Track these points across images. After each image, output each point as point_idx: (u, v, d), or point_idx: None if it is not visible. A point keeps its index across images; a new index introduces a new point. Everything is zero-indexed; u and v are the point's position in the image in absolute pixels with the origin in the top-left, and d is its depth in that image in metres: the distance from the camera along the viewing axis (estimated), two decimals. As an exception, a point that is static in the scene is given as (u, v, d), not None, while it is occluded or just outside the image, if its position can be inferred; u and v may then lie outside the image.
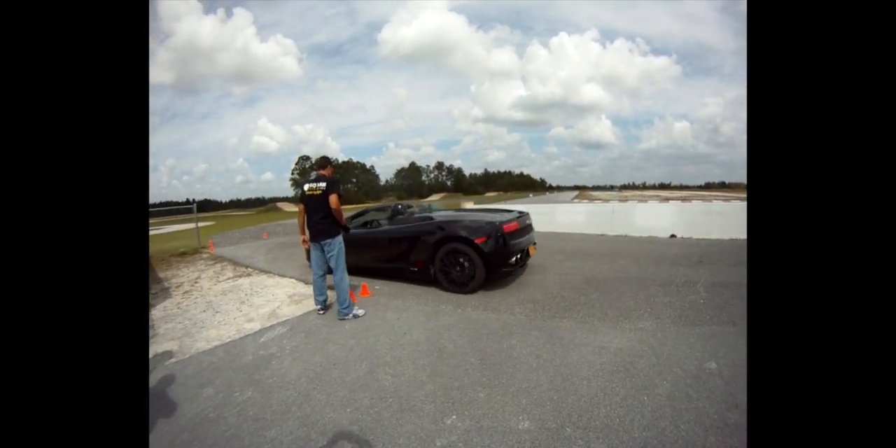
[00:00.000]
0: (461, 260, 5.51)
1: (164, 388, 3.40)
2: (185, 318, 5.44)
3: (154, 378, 3.58)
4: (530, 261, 7.04)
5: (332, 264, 4.87)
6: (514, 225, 5.64)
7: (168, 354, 4.19)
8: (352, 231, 6.33)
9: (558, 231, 11.73)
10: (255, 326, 4.97)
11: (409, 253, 6.07)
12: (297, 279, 7.44)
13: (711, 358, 3.18)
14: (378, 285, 6.36)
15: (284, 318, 5.21)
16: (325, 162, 5.06)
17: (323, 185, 4.75)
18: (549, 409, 2.59)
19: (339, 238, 4.87)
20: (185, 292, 6.98)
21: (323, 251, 4.88)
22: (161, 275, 8.66)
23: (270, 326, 4.93)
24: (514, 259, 5.58)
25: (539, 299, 5.02)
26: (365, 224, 7.16)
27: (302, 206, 4.90)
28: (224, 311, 5.69)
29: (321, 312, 5.20)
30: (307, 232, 4.93)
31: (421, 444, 2.42)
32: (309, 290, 6.35)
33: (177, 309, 5.97)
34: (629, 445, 2.22)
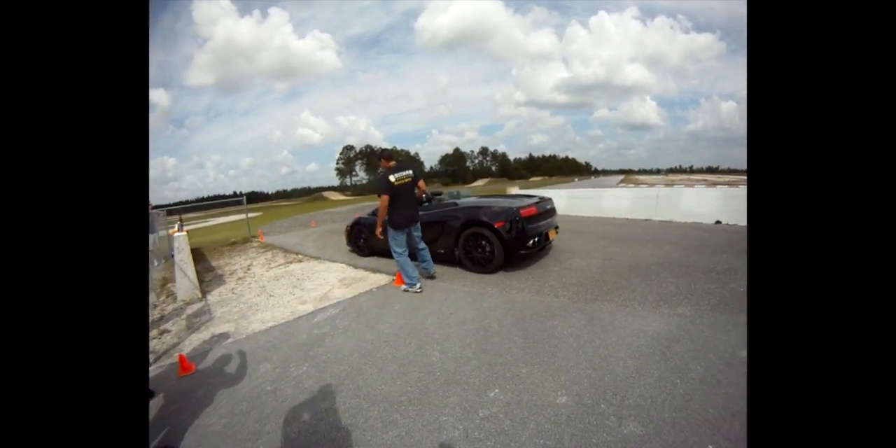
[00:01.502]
0: (482, 242, 5.95)
1: (223, 366, 3.69)
2: (239, 302, 5.81)
3: (213, 357, 3.88)
4: (575, 245, 7.45)
5: (420, 239, 5.68)
6: (532, 210, 5.98)
7: (225, 336, 4.51)
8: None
9: (604, 216, 11.75)
10: (308, 308, 5.25)
11: (436, 236, 6.46)
12: (346, 264, 7.70)
13: (745, 347, 3.04)
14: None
15: (336, 301, 5.46)
16: (389, 154, 5.41)
17: (410, 172, 5.26)
18: (587, 387, 2.71)
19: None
20: (238, 279, 7.40)
21: (411, 234, 5.48)
22: (214, 263, 9.20)
23: (323, 308, 5.19)
24: (531, 242, 5.87)
25: (582, 283, 5.13)
26: None
27: (387, 198, 5.12)
28: (277, 295, 6.02)
29: (419, 290, 5.45)
30: (395, 221, 5.30)
31: (465, 414, 2.58)
32: (359, 273, 6.79)
33: (231, 294, 6.36)
34: (659, 424, 2.31)
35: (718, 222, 9.79)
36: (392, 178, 5.12)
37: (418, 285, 5.44)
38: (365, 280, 6.46)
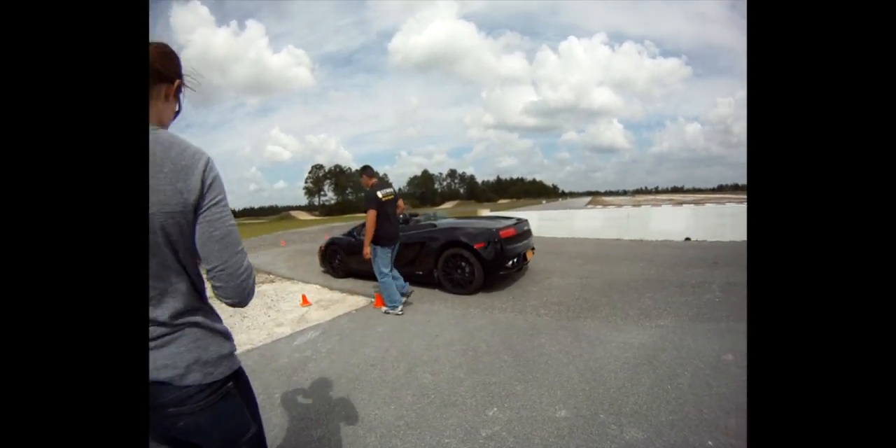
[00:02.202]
0: (462, 263, 6.04)
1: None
2: (212, 324, 5.56)
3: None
4: (551, 265, 7.70)
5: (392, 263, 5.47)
6: (510, 231, 6.14)
7: None
8: (360, 238, 7.03)
9: (576, 236, 12.19)
10: (286, 331, 5.06)
11: (414, 258, 6.52)
12: (321, 285, 7.55)
13: (728, 350, 3.40)
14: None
15: (315, 323, 5.30)
16: (370, 172, 5.46)
17: (392, 190, 5.37)
18: (583, 399, 2.77)
19: None
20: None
21: (394, 252, 5.45)
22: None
23: (302, 330, 5.02)
24: (510, 263, 6.02)
25: (563, 301, 5.26)
26: None
27: (375, 213, 5.10)
28: (251, 317, 5.80)
29: (400, 312, 5.35)
30: (382, 238, 5.25)
31: (467, 434, 2.54)
32: (335, 295, 6.69)
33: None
34: (658, 428, 2.40)
35: (688, 239, 10.25)
36: (380, 193, 5.16)
37: (400, 307, 5.39)
38: (343, 302, 6.34)
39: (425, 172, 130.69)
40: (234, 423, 1.24)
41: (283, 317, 5.70)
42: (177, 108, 1.28)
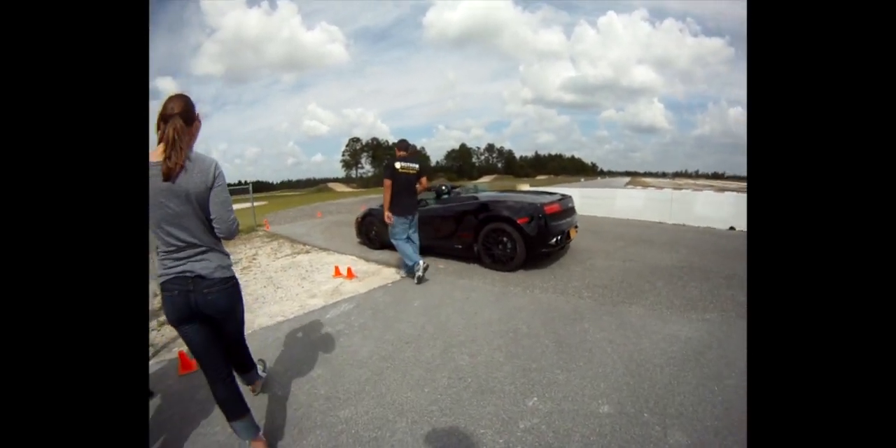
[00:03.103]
0: (503, 239, 5.84)
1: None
2: (245, 293, 5.41)
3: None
4: (593, 245, 7.48)
5: (415, 230, 5.71)
6: (555, 207, 5.91)
7: None
8: None
9: (617, 217, 11.79)
10: (319, 303, 4.95)
11: (454, 231, 6.42)
12: (357, 256, 7.43)
13: None
14: (441, 264, 6.50)
15: (349, 295, 5.17)
16: (405, 145, 5.63)
17: (416, 166, 5.47)
18: (627, 395, 2.63)
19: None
20: (243, 268, 7.10)
21: (410, 223, 5.57)
22: (218, 252, 8.84)
23: (335, 303, 4.90)
24: (554, 240, 5.81)
25: (607, 285, 5.06)
26: None
27: (389, 182, 5.31)
28: (285, 287, 5.72)
29: (418, 273, 5.49)
30: (394, 207, 5.43)
31: (504, 425, 2.40)
32: (370, 267, 6.55)
33: (236, 284, 6.05)
34: (703, 433, 2.26)
35: (732, 228, 9.73)
36: (397, 165, 5.32)
37: (421, 264, 5.48)
38: (378, 274, 6.19)
39: (463, 146, 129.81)
40: (234, 301, 2.16)
41: (317, 288, 5.59)
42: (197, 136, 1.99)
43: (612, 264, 6.08)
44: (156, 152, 1.82)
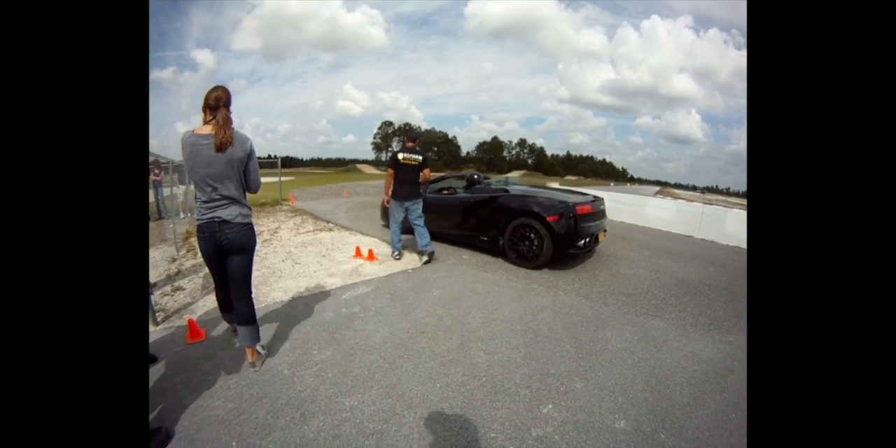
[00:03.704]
0: (530, 235, 5.71)
1: (233, 337, 3.25)
2: (262, 266, 5.45)
3: (226, 325, 3.46)
4: (620, 252, 7.36)
5: (416, 216, 5.86)
6: (587, 208, 5.77)
7: None
8: (428, 195, 6.88)
9: (645, 225, 11.63)
10: (337, 282, 4.85)
11: (481, 222, 6.36)
12: (380, 239, 7.34)
13: None
14: (466, 255, 6.44)
15: (368, 278, 5.07)
16: (415, 136, 6.10)
17: (419, 158, 5.68)
18: (645, 411, 2.54)
19: (421, 199, 5.90)
20: (264, 241, 7.07)
21: (406, 209, 5.78)
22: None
23: (353, 284, 4.80)
24: (582, 242, 5.73)
25: (631, 293, 4.97)
26: (440, 190, 7.37)
27: (392, 171, 5.66)
28: (304, 264, 5.65)
29: (397, 257, 6.01)
30: (395, 192, 5.73)
31: (516, 431, 2.30)
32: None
33: (255, 256, 5.96)
34: None
35: None
36: (400, 156, 5.63)
37: (397, 253, 6.02)
38: (399, 258, 6.08)
39: (495, 139, 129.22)
40: (250, 241, 2.74)
41: (337, 267, 5.50)
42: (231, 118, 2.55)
43: (637, 273, 5.97)
44: (204, 128, 2.51)
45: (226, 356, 2.99)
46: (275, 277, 4.96)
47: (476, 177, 7.28)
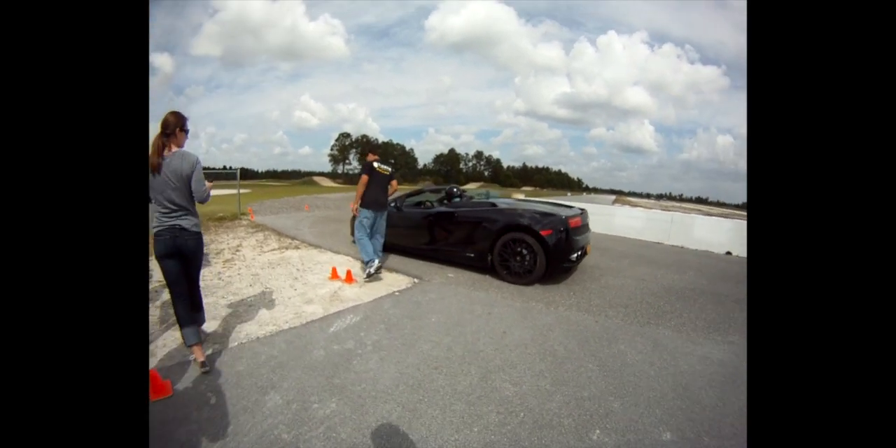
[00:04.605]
0: (522, 250, 5.58)
1: (212, 390, 2.67)
2: (228, 292, 4.78)
3: (196, 372, 2.88)
4: (601, 263, 7.48)
5: (381, 230, 5.97)
6: (577, 221, 5.84)
7: (210, 340, 3.46)
8: (405, 209, 6.95)
9: (615, 234, 12.00)
10: (318, 311, 4.27)
11: (467, 237, 6.15)
12: (353, 257, 6.80)
13: None
14: (451, 273, 6.13)
15: (352, 304, 4.52)
16: (376, 148, 6.46)
17: (390, 169, 5.92)
18: (683, 419, 2.57)
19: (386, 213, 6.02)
20: (226, 261, 6.38)
21: (375, 218, 5.80)
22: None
23: (337, 313, 4.23)
24: (575, 255, 5.70)
25: (627, 304, 5.03)
26: (418, 204, 7.15)
27: (366, 178, 5.67)
28: (275, 289, 5.02)
29: (370, 267, 5.56)
30: (366, 201, 5.70)
31: None
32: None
33: (217, 280, 5.31)
34: None
35: (729, 253, 10.04)
36: (375, 164, 5.76)
37: (375, 262, 5.56)
38: (379, 279, 5.60)
39: (452, 151, 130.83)
40: (200, 246, 3.10)
41: (313, 292, 4.91)
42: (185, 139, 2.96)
43: (625, 283, 6.04)
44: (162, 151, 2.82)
45: (203, 418, 2.36)
46: (244, 307, 4.32)
47: (455, 190, 7.11)
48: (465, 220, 6.13)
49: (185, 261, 3.03)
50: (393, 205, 7.02)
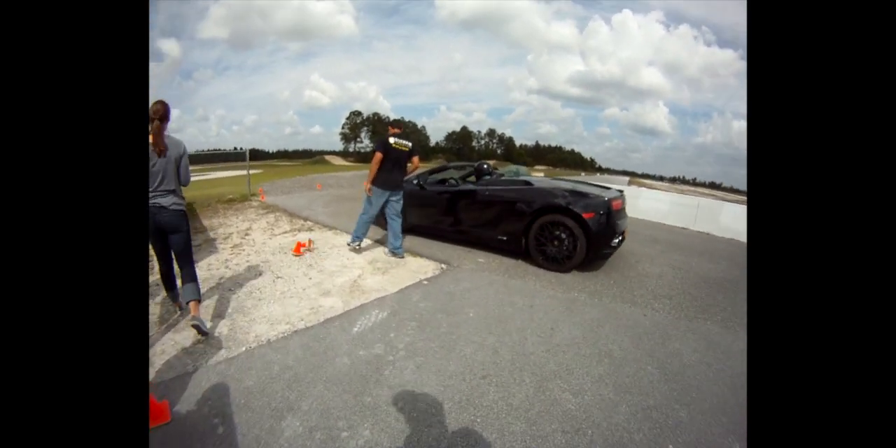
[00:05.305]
0: (561, 234, 5.18)
1: (216, 412, 2.23)
2: (235, 283, 4.34)
3: (198, 390, 2.40)
4: (633, 248, 7.09)
5: (397, 211, 5.56)
6: (619, 203, 5.46)
7: (215, 343, 2.99)
8: (428, 187, 6.50)
9: (641, 217, 11.57)
10: (337, 304, 3.80)
11: (498, 219, 5.73)
12: (371, 239, 6.34)
13: None
14: (481, 257, 5.68)
15: (375, 295, 4.05)
16: (399, 124, 5.67)
17: (409, 144, 5.47)
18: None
19: (402, 192, 5.65)
20: (234, 246, 5.94)
21: (388, 201, 5.48)
22: (206, 223, 7.64)
23: (360, 307, 3.76)
24: (616, 241, 5.38)
25: (670, 295, 4.74)
26: (442, 182, 6.70)
27: (380, 156, 5.28)
28: (287, 277, 4.56)
29: (356, 245, 5.75)
30: (378, 180, 5.37)
31: None
32: (390, 256, 5.59)
33: (224, 269, 4.85)
34: None
35: None
36: (391, 140, 5.34)
37: (358, 244, 5.74)
38: (403, 265, 5.14)
39: (464, 129, 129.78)
40: (181, 221, 3.27)
41: (330, 281, 4.45)
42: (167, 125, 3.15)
43: (663, 271, 5.74)
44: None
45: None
46: (253, 301, 3.86)
47: (486, 166, 6.70)
48: (497, 200, 5.67)
49: (166, 237, 3.28)
50: (415, 182, 6.62)
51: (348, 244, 5.78)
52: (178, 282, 3.37)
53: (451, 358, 2.87)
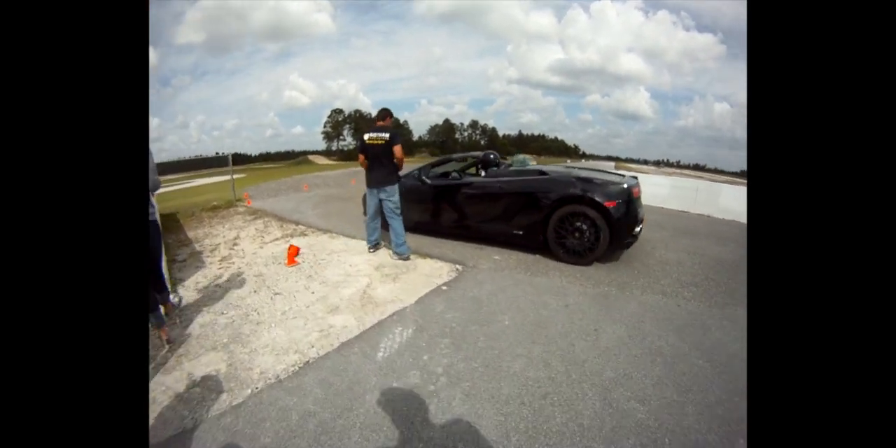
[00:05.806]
0: (582, 225, 4.98)
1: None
2: (228, 304, 3.83)
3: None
4: (644, 235, 6.77)
5: (392, 209, 5.16)
6: (638, 190, 5.32)
7: (213, 385, 2.52)
8: (433, 181, 6.20)
9: (643, 203, 11.64)
10: (350, 323, 3.33)
11: (512, 212, 5.47)
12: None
13: None
14: (496, 254, 5.40)
15: (392, 308, 3.59)
16: (385, 114, 5.34)
17: (386, 135, 5.09)
18: None
19: (397, 186, 5.22)
20: (222, 259, 5.44)
21: (379, 200, 5.22)
22: (191, 234, 7.07)
23: (378, 324, 3.30)
24: (638, 229, 5.22)
25: (695, 282, 4.64)
26: (446, 175, 6.41)
27: (362, 158, 5.24)
28: (287, 293, 4.07)
29: (371, 251, 5.51)
30: (366, 179, 5.26)
31: None
32: (397, 259, 5.25)
33: (215, 287, 4.35)
34: None
35: None
36: (366, 136, 5.20)
37: (371, 248, 5.52)
38: (414, 269, 4.70)
39: (447, 121, 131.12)
40: (157, 234, 3.42)
41: (336, 294, 3.97)
42: None
43: (680, 258, 5.68)
44: None
45: None
46: (250, 325, 3.36)
47: (493, 156, 6.36)
48: (511, 192, 5.40)
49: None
50: (416, 176, 6.26)
51: (368, 249, 5.59)
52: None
53: (501, 378, 2.52)
